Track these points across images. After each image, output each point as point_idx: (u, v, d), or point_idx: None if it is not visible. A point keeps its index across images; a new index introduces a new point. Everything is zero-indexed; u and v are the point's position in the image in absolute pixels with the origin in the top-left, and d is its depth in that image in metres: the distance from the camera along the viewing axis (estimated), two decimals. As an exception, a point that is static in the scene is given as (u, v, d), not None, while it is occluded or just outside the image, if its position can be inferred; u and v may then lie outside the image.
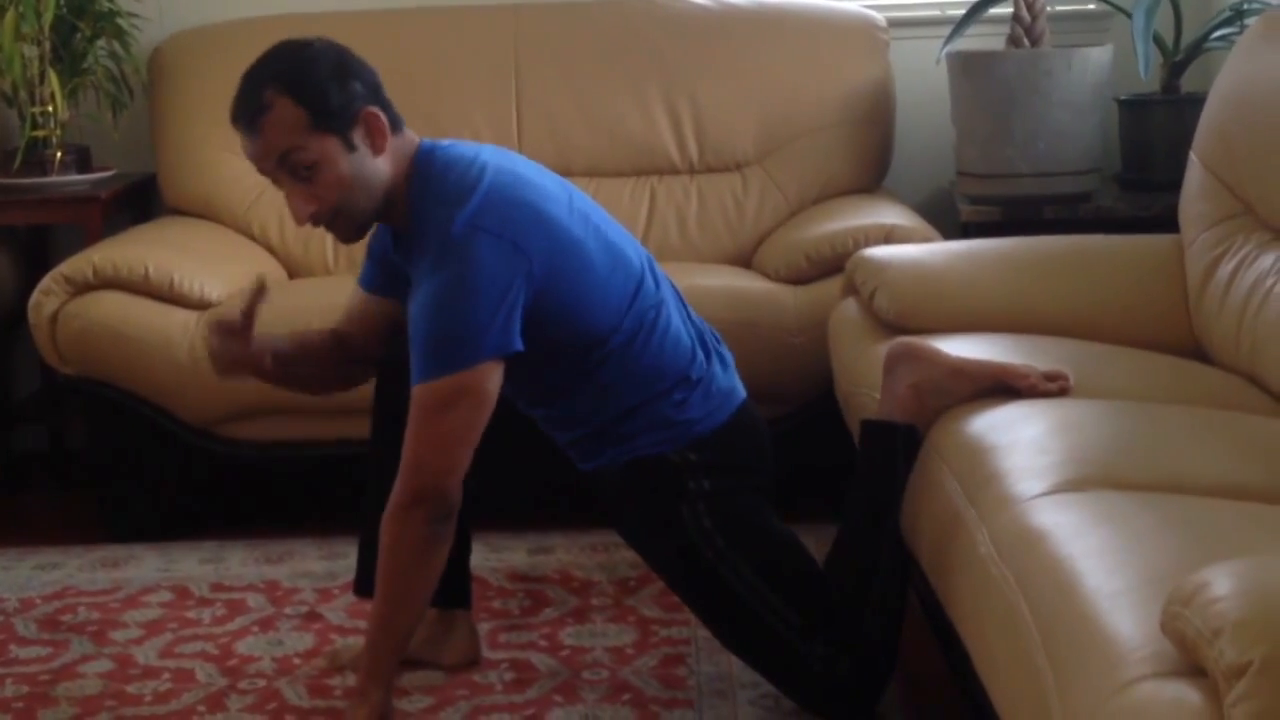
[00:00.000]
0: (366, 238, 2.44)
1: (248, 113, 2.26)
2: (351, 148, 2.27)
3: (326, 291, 3.37)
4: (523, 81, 3.77)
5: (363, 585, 2.53)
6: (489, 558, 3.10)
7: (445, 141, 2.39)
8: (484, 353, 2.20)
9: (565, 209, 2.33)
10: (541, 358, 2.32)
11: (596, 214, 2.42)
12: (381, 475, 2.30)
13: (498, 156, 2.36)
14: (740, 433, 2.43)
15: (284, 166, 2.27)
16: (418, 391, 2.22)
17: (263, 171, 2.31)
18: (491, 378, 2.22)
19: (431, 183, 2.29)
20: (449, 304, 2.20)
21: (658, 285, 2.42)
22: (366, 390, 2.59)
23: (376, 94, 2.31)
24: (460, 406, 2.21)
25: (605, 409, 2.38)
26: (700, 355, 2.42)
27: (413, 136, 2.36)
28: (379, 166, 2.29)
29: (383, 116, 2.29)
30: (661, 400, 2.37)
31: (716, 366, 2.45)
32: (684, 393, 2.39)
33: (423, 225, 2.28)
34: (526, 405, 2.45)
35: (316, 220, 2.30)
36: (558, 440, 2.47)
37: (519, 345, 2.22)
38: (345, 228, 2.33)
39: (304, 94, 2.24)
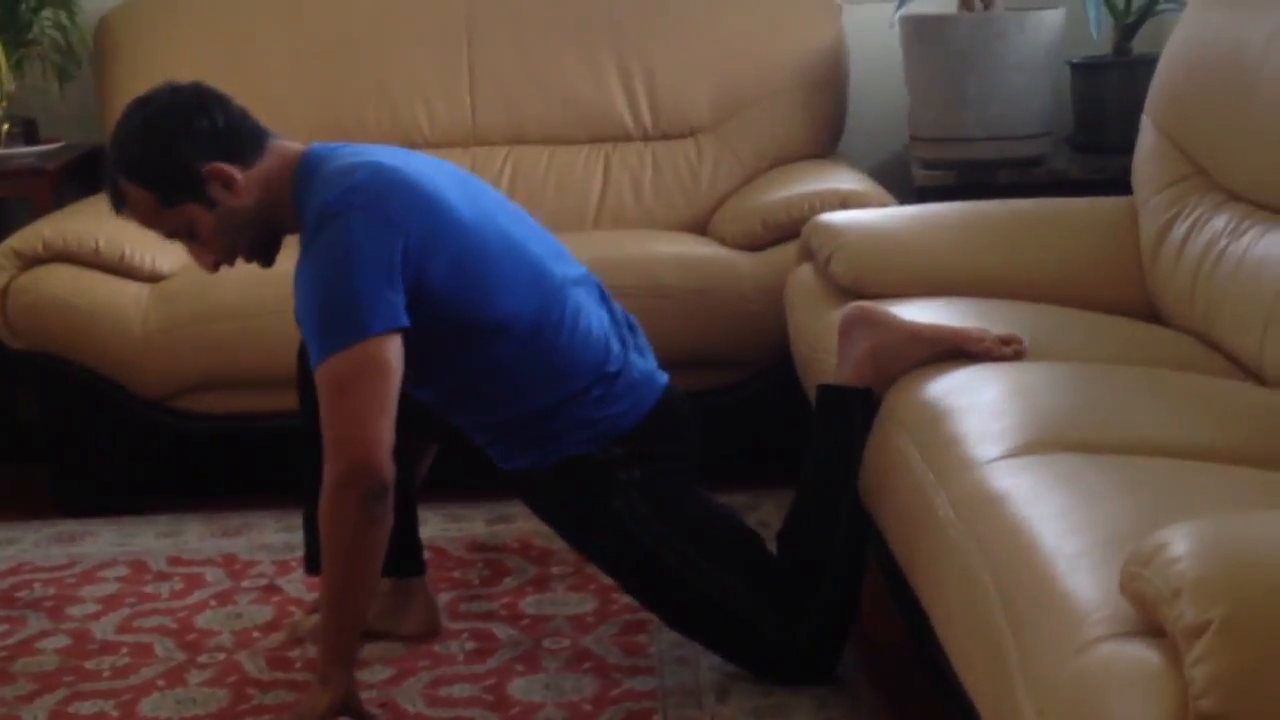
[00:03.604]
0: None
1: (114, 201, 2.36)
2: (211, 204, 2.31)
3: (278, 263, 3.34)
4: (475, 49, 3.74)
5: (313, 564, 2.51)
6: (447, 528, 3.09)
7: (339, 144, 2.39)
8: (370, 326, 2.18)
9: (455, 194, 2.32)
10: (441, 348, 2.31)
11: (500, 210, 2.41)
12: (316, 451, 2.26)
13: (388, 153, 2.35)
14: (665, 418, 2.43)
15: (169, 236, 2.37)
16: (319, 374, 2.20)
17: None
18: (387, 349, 2.19)
19: (314, 180, 2.29)
20: (327, 283, 2.20)
21: (566, 278, 2.40)
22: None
23: (214, 138, 2.30)
24: (362, 381, 2.18)
25: (523, 409, 2.36)
26: (616, 347, 2.41)
27: (288, 146, 2.36)
28: (246, 203, 2.32)
29: (224, 166, 2.29)
30: (580, 399, 2.36)
31: (634, 355, 2.44)
32: (603, 389, 2.37)
33: (305, 217, 2.28)
34: (445, 411, 2.44)
35: (219, 266, 2.39)
36: (479, 442, 2.45)
37: (405, 320, 2.20)
38: (252, 259, 2.41)
39: (145, 179, 2.30)
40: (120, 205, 2.34)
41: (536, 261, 2.37)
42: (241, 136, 2.32)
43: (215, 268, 2.39)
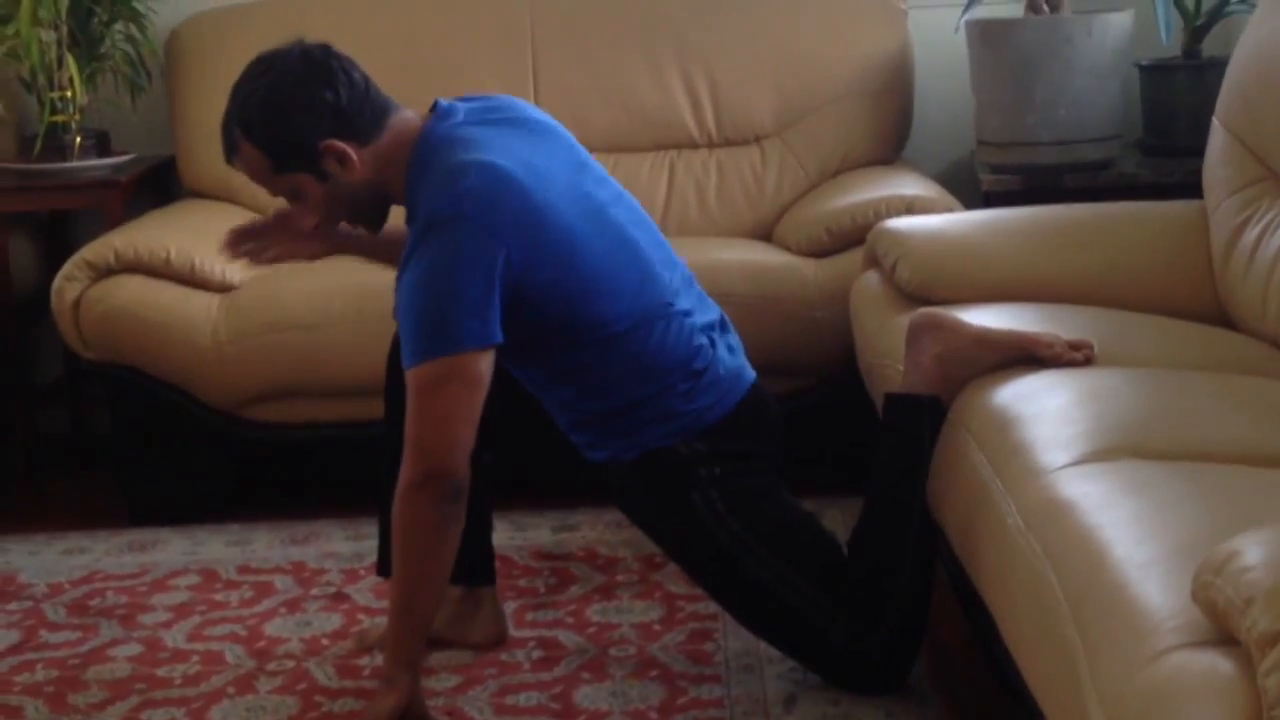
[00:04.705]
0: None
1: (226, 149, 2.37)
2: (323, 177, 2.32)
3: (347, 271, 3.36)
4: (539, 57, 3.76)
5: (385, 567, 2.53)
6: (514, 536, 3.10)
7: (462, 109, 2.37)
8: (465, 341, 2.20)
9: (566, 196, 2.31)
10: (538, 343, 2.32)
11: (614, 200, 2.40)
12: (395, 456, 2.30)
13: (503, 143, 2.32)
14: (749, 416, 2.42)
15: (274, 194, 2.39)
16: (409, 375, 2.23)
17: None
18: (479, 362, 2.21)
19: (429, 163, 2.30)
20: (428, 289, 2.21)
21: (671, 277, 2.41)
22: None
23: (336, 115, 2.30)
24: (451, 387, 2.20)
25: (610, 401, 2.37)
26: (706, 343, 2.41)
27: (407, 122, 2.36)
28: (357, 178, 2.33)
29: (340, 144, 2.30)
30: (668, 393, 2.36)
31: (723, 352, 2.43)
32: (690, 383, 2.37)
33: (414, 207, 2.29)
34: (536, 389, 2.45)
35: (318, 228, 2.43)
36: (563, 427, 2.46)
37: (499, 336, 2.22)
38: (357, 225, 2.44)
39: (260, 140, 2.31)
40: (232, 155, 2.35)
41: (646, 264, 2.37)
42: (363, 113, 2.33)
43: (314, 229, 2.42)
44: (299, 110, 2.29)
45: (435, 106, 2.38)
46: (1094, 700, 1.52)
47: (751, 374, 2.47)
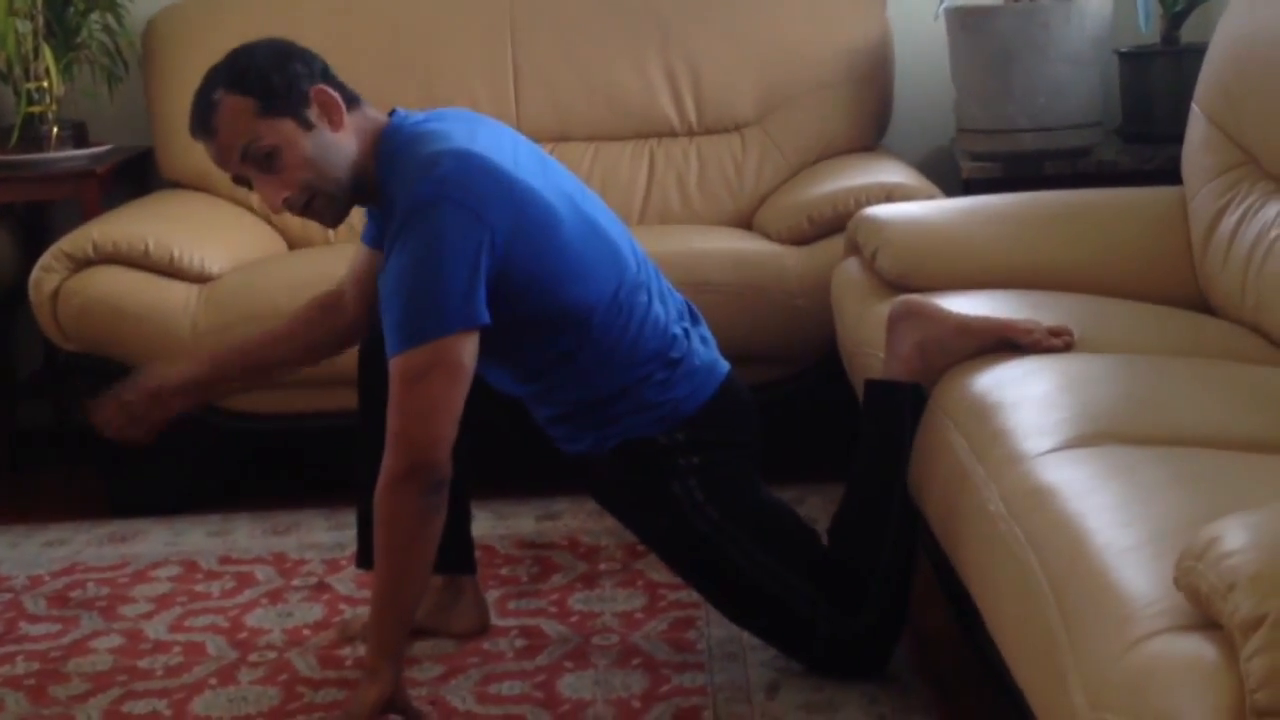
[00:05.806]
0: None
1: (201, 118, 2.30)
2: (308, 126, 2.29)
3: (326, 261, 3.36)
4: (519, 48, 3.75)
5: (365, 559, 2.53)
6: (496, 525, 3.10)
7: (419, 115, 2.37)
8: (451, 324, 2.19)
9: (538, 178, 2.31)
10: (518, 333, 2.31)
11: (578, 192, 2.40)
12: (371, 448, 2.29)
13: (467, 133, 2.31)
14: (726, 406, 2.43)
15: (248, 160, 2.28)
16: (393, 364, 2.21)
17: (234, 176, 2.33)
18: (464, 348, 2.20)
19: (399, 156, 2.28)
20: (413, 275, 2.19)
21: (639, 267, 2.41)
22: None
23: (325, 75, 2.33)
24: (435, 376, 2.19)
25: (589, 393, 2.37)
26: (679, 334, 2.41)
27: (376, 115, 2.36)
28: (342, 141, 2.30)
29: (332, 92, 2.30)
30: (644, 384, 2.37)
31: (696, 343, 2.44)
32: (666, 373, 2.38)
33: (391, 199, 2.28)
34: (510, 385, 2.44)
35: (291, 205, 2.30)
36: (541, 421, 2.46)
37: (485, 317, 2.21)
38: (323, 209, 2.33)
39: (246, 84, 2.27)
40: (210, 118, 2.27)
41: (614, 250, 2.37)
42: (344, 88, 2.34)
43: (282, 206, 2.30)
44: (294, 58, 2.31)
45: (393, 112, 2.38)
46: (1077, 685, 1.52)
47: (725, 365, 2.47)
